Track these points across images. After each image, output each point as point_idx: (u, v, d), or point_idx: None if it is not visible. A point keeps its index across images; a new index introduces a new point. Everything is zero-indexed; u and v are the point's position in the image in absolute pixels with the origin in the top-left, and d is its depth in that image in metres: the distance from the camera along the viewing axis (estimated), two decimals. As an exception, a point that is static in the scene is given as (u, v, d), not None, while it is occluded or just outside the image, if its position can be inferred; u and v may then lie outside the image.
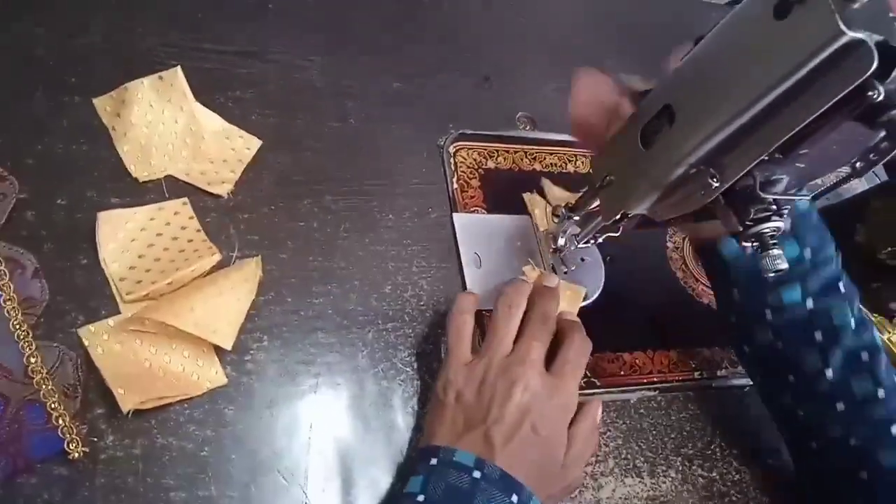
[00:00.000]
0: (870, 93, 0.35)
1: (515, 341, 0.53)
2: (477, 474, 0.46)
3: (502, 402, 0.49)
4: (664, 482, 0.59)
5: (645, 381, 0.64)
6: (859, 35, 0.33)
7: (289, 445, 0.49)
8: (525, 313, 0.54)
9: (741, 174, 0.42)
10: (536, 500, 0.47)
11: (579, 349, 0.54)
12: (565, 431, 0.51)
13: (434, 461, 0.47)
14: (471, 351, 0.53)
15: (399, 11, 0.78)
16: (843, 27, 0.32)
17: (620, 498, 0.57)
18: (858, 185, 0.87)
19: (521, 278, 0.60)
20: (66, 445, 0.43)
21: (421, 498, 0.45)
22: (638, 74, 0.51)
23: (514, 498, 0.45)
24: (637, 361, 0.64)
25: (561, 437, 0.51)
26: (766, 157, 0.40)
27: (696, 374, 0.66)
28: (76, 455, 0.43)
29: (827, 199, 0.82)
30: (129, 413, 0.44)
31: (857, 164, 0.41)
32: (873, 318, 0.75)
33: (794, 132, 0.38)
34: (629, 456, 0.59)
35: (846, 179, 0.46)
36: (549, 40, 0.86)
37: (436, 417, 0.51)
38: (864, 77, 0.34)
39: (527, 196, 0.69)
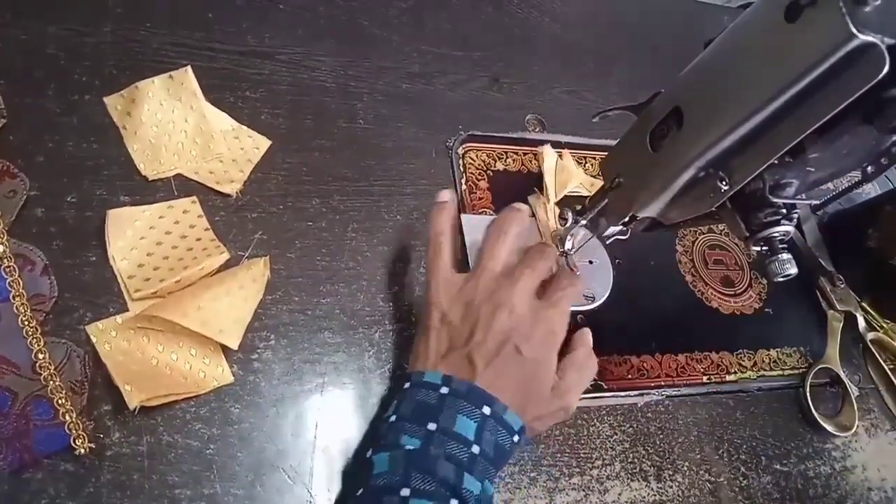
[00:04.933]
0: (881, 96, 0.34)
1: None
2: (444, 390, 0.46)
3: (486, 325, 0.49)
4: (671, 486, 0.59)
5: (653, 384, 0.63)
6: (871, 38, 0.32)
7: (294, 444, 0.50)
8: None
9: (750, 178, 0.42)
10: (513, 414, 0.47)
11: (570, 283, 0.54)
12: (553, 356, 0.51)
13: (407, 384, 0.48)
14: (455, 268, 0.53)
15: (408, 12, 0.78)
16: (854, 30, 0.32)
17: (626, 502, 0.57)
18: (871, 191, 0.86)
19: (517, 205, 0.57)
20: (72, 441, 0.43)
21: (393, 418, 0.46)
22: None
23: (486, 409, 0.46)
24: (645, 365, 0.64)
25: (548, 361, 0.50)
26: (776, 161, 0.40)
27: (705, 379, 0.66)
28: (82, 451, 0.43)
29: (840, 204, 0.81)
30: (135, 409, 0.44)
31: (868, 169, 0.41)
32: (884, 325, 0.75)
33: (803, 136, 0.38)
34: (636, 460, 0.59)
35: (858, 184, 0.46)
36: (559, 42, 0.86)
37: (420, 340, 0.51)
38: (876, 80, 0.33)
39: (531, 198, 0.69)
